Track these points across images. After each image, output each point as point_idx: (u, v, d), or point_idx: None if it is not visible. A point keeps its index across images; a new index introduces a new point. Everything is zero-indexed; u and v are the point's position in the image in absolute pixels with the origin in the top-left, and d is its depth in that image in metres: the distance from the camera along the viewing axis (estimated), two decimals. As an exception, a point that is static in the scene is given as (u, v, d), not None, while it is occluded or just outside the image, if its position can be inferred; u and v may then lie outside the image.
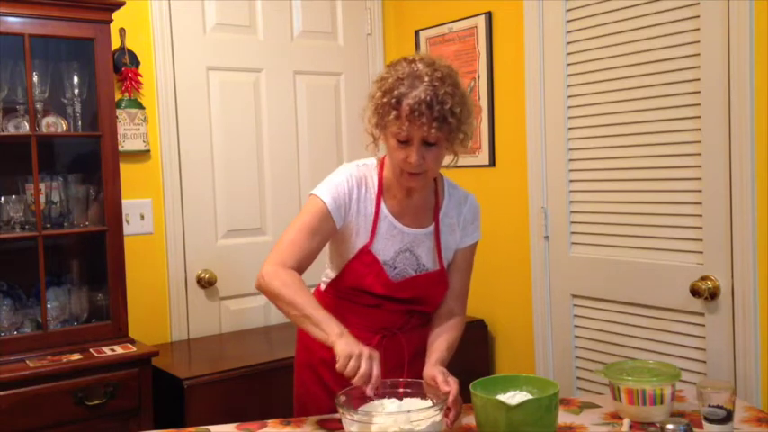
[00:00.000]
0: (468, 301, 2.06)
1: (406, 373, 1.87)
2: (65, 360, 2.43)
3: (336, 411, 1.67)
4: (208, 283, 3.15)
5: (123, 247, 2.62)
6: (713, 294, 2.35)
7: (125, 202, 2.73)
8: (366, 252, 1.87)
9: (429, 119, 1.70)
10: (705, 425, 1.67)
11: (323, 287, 2.02)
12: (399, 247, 1.90)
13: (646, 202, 2.55)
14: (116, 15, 2.62)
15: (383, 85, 1.77)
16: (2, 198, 2.55)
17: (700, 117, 2.36)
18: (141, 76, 2.96)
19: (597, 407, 1.90)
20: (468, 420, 1.78)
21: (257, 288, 1.84)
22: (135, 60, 2.95)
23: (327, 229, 1.85)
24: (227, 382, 2.60)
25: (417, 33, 3.44)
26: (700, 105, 2.36)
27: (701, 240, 2.39)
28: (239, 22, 3.24)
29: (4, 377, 2.30)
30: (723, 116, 2.29)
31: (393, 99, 1.72)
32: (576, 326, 2.84)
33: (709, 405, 1.66)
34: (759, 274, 2.25)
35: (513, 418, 1.55)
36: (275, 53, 3.33)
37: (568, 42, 2.76)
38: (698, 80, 2.36)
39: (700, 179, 2.38)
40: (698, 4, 2.34)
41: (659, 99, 2.48)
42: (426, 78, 1.72)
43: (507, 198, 3.07)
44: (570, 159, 2.80)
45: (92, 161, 2.64)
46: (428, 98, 1.69)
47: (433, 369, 1.77)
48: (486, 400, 1.60)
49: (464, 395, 1.72)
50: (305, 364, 2.03)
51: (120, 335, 2.62)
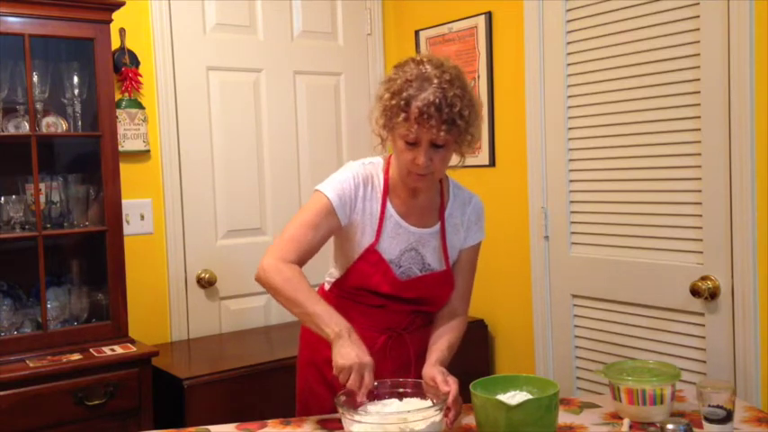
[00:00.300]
0: (469, 300, 2.06)
1: (413, 374, 1.87)
2: (65, 360, 2.43)
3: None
4: (208, 283, 3.15)
5: (123, 247, 2.62)
6: (713, 294, 2.35)
7: (125, 202, 2.73)
8: (372, 251, 1.87)
9: (438, 121, 1.69)
10: (705, 425, 1.67)
11: (327, 287, 2.02)
12: (405, 246, 1.90)
13: (646, 202, 2.55)
14: (116, 15, 2.62)
15: (391, 86, 1.76)
16: (2, 198, 2.56)
17: (700, 117, 2.36)
18: (141, 76, 2.97)
19: (597, 407, 1.90)
20: (468, 420, 1.78)
21: (256, 280, 1.83)
22: (135, 60, 2.95)
23: (330, 225, 1.85)
24: (227, 382, 2.60)
25: (417, 33, 3.44)
26: (700, 105, 2.36)
27: (700, 240, 2.39)
28: (239, 22, 3.24)
29: (4, 377, 2.30)
30: (723, 116, 2.29)
31: (402, 101, 1.71)
32: (576, 326, 2.84)
33: (709, 405, 1.66)
34: (759, 274, 2.25)
35: (513, 418, 1.55)
36: (275, 53, 3.33)
37: (568, 42, 2.76)
38: (698, 80, 2.36)
39: (700, 179, 2.38)
40: (698, 4, 2.34)
41: (659, 99, 2.48)
42: (435, 80, 1.71)
43: (507, 198, 3.07)
44: (570, 159, 2.80)
45: (92, 161, 2.64)
46: (437, 101, 1.69)
47: (433, 369, 1.77)
48: (486, 400, 1.60)
49: (464, 395, 1.72)
50: (308, 363, 2.03)
51: (120, 335, 2.62)
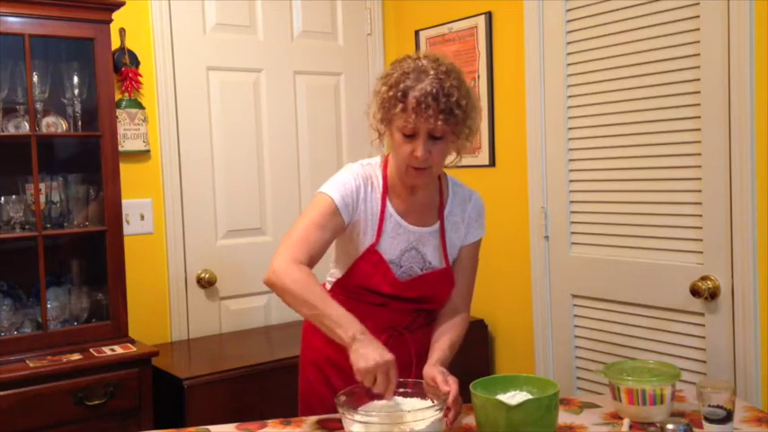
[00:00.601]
0: (469, 300, 2.06)
1: (414, 373, 1.86)
2: (65, 360, 2.43)
3: (339, 410, 1.67)
4: (208, 283, 3.15)
5: (123, 247, 2.62)
6: (713, 294, 2.35)
7: (125, 202, 2.73)
8: (372, 252, 1.87)
9: (436, 111, 1.70)
10: (705, 425, 1.67)
11: (328, 286, 2.02)
12: (405, 245, 1.90)
13: (646, 202, 2.55)
14: (116, 15, 2.62)
15: (388, 80, 1.77)
16: (2, 198, 2.56)
17: (700, 117, 2.36)
18: (141, 76, 2.96)
19: (597, 407, 1.90)
20: (469, 420, 1.78)
21: (266, 283, 1.80)
22: (135, 60, 2.95)
23: (336, 225, 1.84)
24: (227, 382, 2.60)
25: (417, 33, 3.44)
26: (700, 105, 2.36)
27: (700, 240, 2.39)
28: (239, 22, 3.24)
29: (4, 377, 2.30)
30: (723, 116, 2.29)
31: (399, 92, 1.72)
32: (576, 326, 2.83)
33: (709, 405, 1.66)
34: (759, 274, 2.25)
35: (513, 418, 1.54)
36: (275, 53, 3.33)
37: (568, 42, 2.76)
38: (698, 80, 2.36)
39: (700, 179, 2.38)
40: (698, 4, 2.34)
41: (659, 99, 2.48)
42: (432, 72, 1.72)
43: (507, 198, 3.06)
44: (570, 159, 2.80)
45: (92, 161, 2.64)
46: (434, 90, 1.70)
47: (433, 369, 1.77)
48: (486, 400, 1.60)
49: (464, 395, 1.72)
50: (310, 363, 2.02)
51: (120, 335, 2.62)
